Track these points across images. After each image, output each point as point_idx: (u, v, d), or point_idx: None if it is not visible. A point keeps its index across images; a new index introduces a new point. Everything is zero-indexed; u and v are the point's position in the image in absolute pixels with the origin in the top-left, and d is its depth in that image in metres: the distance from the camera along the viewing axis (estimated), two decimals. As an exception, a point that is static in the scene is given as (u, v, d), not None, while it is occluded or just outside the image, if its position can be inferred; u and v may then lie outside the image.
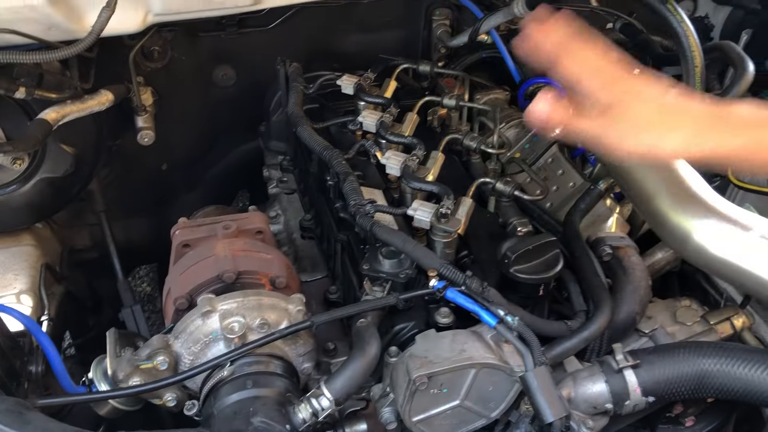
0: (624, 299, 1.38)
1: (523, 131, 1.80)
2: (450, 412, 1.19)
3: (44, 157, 1.69)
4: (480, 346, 1.18)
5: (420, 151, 1.48)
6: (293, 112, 1.65)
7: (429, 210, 1.33)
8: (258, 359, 1.18)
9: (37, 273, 1.71)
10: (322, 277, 1.64)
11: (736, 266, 1.17)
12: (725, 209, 1.20)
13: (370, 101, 1.66)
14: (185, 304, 1.25)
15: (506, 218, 1.54)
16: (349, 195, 1.38)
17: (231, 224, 1.42)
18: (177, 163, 2.16)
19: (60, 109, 1.57)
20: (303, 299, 1.25)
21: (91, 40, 1.37)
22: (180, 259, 1.37)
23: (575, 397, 1.23)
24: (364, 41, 2.06)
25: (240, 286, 1.27)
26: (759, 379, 1.15)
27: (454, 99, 1.74)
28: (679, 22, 1.41)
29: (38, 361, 1.22)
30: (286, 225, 1.81)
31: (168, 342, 1.19)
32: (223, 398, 1.13)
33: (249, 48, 1.99)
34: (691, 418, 1.45)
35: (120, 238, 2.06)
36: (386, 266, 1.30)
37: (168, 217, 2.13)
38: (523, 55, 1.04)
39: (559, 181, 1.68)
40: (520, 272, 1.27)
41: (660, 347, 1.31)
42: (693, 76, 1.42)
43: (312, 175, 1.69)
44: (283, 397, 1.13)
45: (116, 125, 1.93)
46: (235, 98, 2.08)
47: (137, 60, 1.82)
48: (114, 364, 1.19)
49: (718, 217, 1.18)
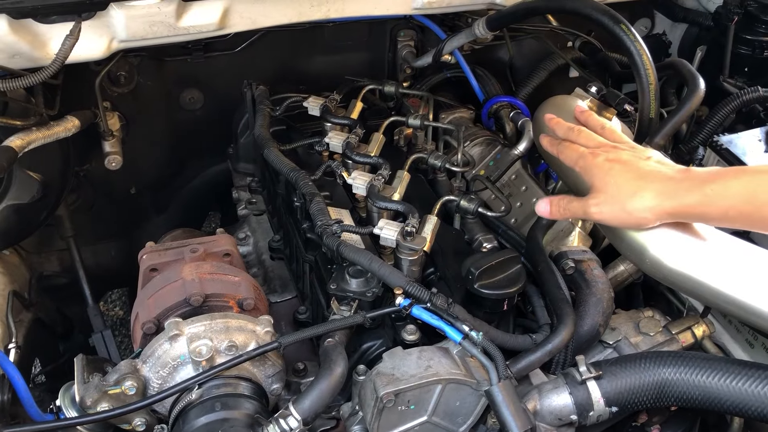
0: (587, 311, 1.41)
1: (486, 149, 1.83)
2: (418, 428, 1.21)
3: (10, 184, 1.69)
4: (446, 362, 1.20)
5: (385, 171, 1.51)
6: (260, 135, 1.67)
7: (395, 229, 1.35)
8: (226, 381, 1.19)
9: (5, 301, 1.69)
10: (292, 298, 1.66)
11: (692, 278, 1.19)
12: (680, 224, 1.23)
13: (336, 122, 1.68)
14: (153, 328, 1.26)
15: (472, 235, 1.57)
16: (316, 215, 1.40)
17: (198, 247, 1.42)
18: (146, 186, 2.17)
19: (25, 136, 1.57)
20: (271, 321, 1.26)
21: (55, 67, 1.37)
22: (147, 284, 1.37)
23: (540, 409, 1.25)
24: (330, 63, 2.09)
25: (207, 309, 1.28)
26: (716, 386, 1.18)
27: (419, 119, 1.77)
28: (632, 41, 1.45)
29: (4, 390, 1.21)
30: (255, 246, 1.82)
31: (136, 366, 1.20)
32: (192, 421, 1.14)
33: (215, 71, 2.01)
34: (656, 426, 1.48)
35: (89, 262, 2.05)
36: (353, 285, 1.32)
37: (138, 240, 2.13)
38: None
39: (522, 197, 1.71)
40: (484, 288, 1.30)
41: (622, 358, 1.34)
42: (648, 93, 1.46)
43: (280, 196, 1.70)
44: (252, 418, 1.14)
45: (83, 150, 1.93)
46: (203, 121, 2.09)
47: (103, 85, 1.83)
48: (82, 390, 1.19)
49: (672, 231, 1.22)
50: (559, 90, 1.95)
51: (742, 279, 1.16)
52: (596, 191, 1.22)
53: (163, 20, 1.50)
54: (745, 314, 1.17)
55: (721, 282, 1.17)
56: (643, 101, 1.48)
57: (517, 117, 1.88)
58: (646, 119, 1.49)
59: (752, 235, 1.67)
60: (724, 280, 1.17)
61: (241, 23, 1.62)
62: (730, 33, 2.00)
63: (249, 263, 1.77)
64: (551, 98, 1.64)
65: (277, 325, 1.28)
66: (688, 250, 1.20)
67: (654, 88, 1.47)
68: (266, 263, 1.77)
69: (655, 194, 1.15)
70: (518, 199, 1.71)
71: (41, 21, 1.41)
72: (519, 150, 1.74)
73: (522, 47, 2.22)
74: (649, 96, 1.47)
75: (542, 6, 1.71)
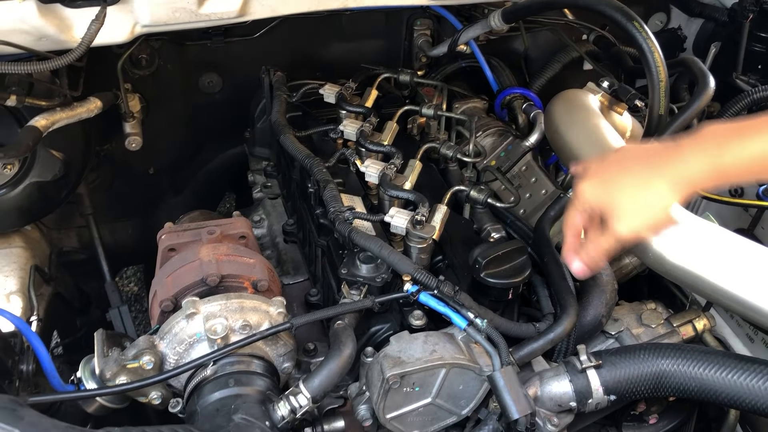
0: (591, 302, 1.44)
1: (498, 139, 1.86)
2: (422, 409, 1.25)
3: (34, 162, 1.74)
4: (451, 347, 1.24)
5: (398, 160, 1.54)
6: (277, 121, 1.71)
7: (405, 217, 1.39)
8: (240, 359, 1.23)
9: (27, 275, 1.76)
10: (304, 280, 1.70)
11: (694, 274, 1.23)
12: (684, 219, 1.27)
13: (351, 110, 1.72)
14: (170, 306, 1.31)
15: (480, 224, 1.61)
16: (329, 202, 1.44)
17: (215, 229, 1.47)
18: (164, 167, 2.22)
19: (50, 116, 1.63)
20: (284, 302, 1.30)
21: (80, 51, 1.42)
22: (166, 263, 1.42)
23: (541, 395, 1.29)
24: (347, 50, 2.12)
25: (223, 289, 1.32)
26: (712, 378, 1.21)
27: (432, 108, 1.80)
28: (644, 39, 1.47)
29: (29, 361, 1.27)
30: (270, 229, 1.87)
31: (154, 342, 1.25)
32: (206, 396, 1.18)
33: (235, 56, 2.05)
34: (654, 415, 1.52)
35: (107, 240, 2.11)
36: (363, 271, 1.37)
37: (155, 219, 2.20)
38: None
39: (532, 188, 1.74)
40: (490, 277, 1.33)
41: (621, 349, 1.38)
42: (658, 90, 1.48)
43: (294, 181, 1.75)
44: (264, 395, 1.19)
45: (104, 130, 1.98)
46: (221, 104, 2.14)
47: (125, 67, 1.87)
48: (101, 363, 1.24)
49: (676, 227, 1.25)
50: (572, 83, 1.98)
51: (744, 276, 1.19)
52: (610, 213, 1.15)
53: (186, 6, 1.54)
54: (745, 311, 1.20)
55: (723, 278, 1.21)
56: (653, 98, 1.51)
57: (529, 109, 1.91)
58: (656, 116, 1.51)
59: (757, 233, 1.70)
60: (726, 276, 1.20)
61: (261, 11, 1.65)
62: (745, 30, 2.01)
63: (263, 245, 1.82)
64: (563, 92, 1.67)
65: (289, 307, 1.33)
66: (691, 245, 1.23)
67: (664, 86, 1.49)
68: (280, 246, 1.81)
69: (664, 179, 1.11)
70: (527, 190, 1.74)
71: (68, 5, 1.45)
72: (530, 142, 1.77)
73: (537, 39, 2.24)
74: (659, 93, 1.50)
75: (558, 0, 1.73)
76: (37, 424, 0.90)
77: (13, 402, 0.92)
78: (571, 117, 1.63)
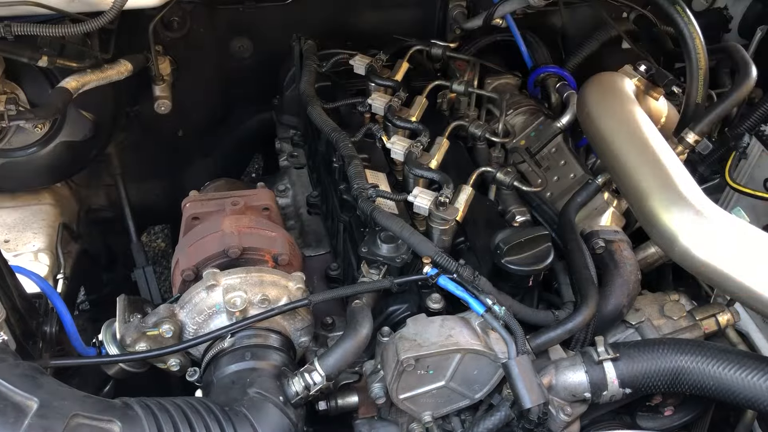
0: (613, 292, 1.42)
1: (530, 118, 1.83)
2: (435, 391, 1.26)
3: (64, 122, 1.76)
4: (467, 332, 1.24)
5: (425, 138, 1.52)
6: (305, 91, 1.70)
7: (428, 197, 1.38)
8: (257, 333, 1.25)
9: (55, 232, 1.79)
10: (325, 253, 1.70)
11: (719, 271, 1.21)
12: (713, 215, 1.24)
13: (380, 84, 1.69)
14: (191, 275, 1.32)
15: (505, 206, 1.59)
16: (353, 178, 1.43)
17: (239, 200, 1.47)
18: (193, 130, 2.22)
19: (80, 77, 1.63)
20: (303, 277, 1.31)
21: (113, 14, 1.42)
22: (189, 232, 1.43)
23: (556, 384, 1.29)
24: (380, 20, 2.09)
25: (244, 261, 1.33)
26: (730, 378, 1.20)
27: (463, 85, 1.77)
28: (686, 24, 1.43)
29: (52, 323, 1.29)
30: (294, 199, 1.87)
31: (174, 311, 1.27)
32: (223, 368, 1.20)
33: (266, 21, 2.03)
34: (669, 408, 1.51)
35: (135, 199, 2.14)
36: (384, 250, 1.36)
37: (182, 181, 2.22)
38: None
39: (560, 171, 1.71)
40: (511, 263, 1.32)
41: (640, 342, 1.36)
42: (696, 78, 1.44)
43: (320, 153, 1.74)
44: (279, 370, 1.20)
45: (134, 92, 1.98)
46: (251, 69, 2.13)
47: (157, 29, 1.86)
48: (123, 329, 1.26)
49: (704, 223, 1.22)
50: (608, 62, 1.92)
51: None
52: None
53: (218, -31, 1.52)
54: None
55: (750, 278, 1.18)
56: (691, 85, 1.47)
57: (563, 89, 1.86)
58: (693, 104, 1.48)
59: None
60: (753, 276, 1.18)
61: (293, -25, 1.62)
62: (795, 14, 1.93)
63: (287, 215, 1.82)
64: (598, 75, 1.63)
65: (309, 279, 1.33)
66: (719, 243, 1.21)
67: (704, 73, 1.45)
68: (303, 217, 1.81)
69: None
70: (556, 173, 1.71)
71: (101, -32, 1.44)
72: (562, 123, 1.74)
73: (575, 15, 2.17)
74: (697, 80, 1.46)
75: (599, -22, 1.68)
76: (55, 392, 0.92)
77: (33, 369, 0.94)
78: (605, 102, 1.59)
